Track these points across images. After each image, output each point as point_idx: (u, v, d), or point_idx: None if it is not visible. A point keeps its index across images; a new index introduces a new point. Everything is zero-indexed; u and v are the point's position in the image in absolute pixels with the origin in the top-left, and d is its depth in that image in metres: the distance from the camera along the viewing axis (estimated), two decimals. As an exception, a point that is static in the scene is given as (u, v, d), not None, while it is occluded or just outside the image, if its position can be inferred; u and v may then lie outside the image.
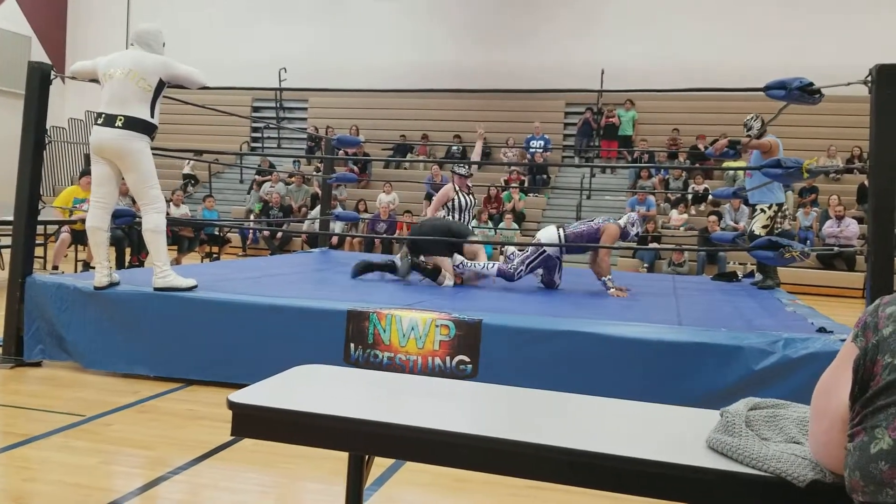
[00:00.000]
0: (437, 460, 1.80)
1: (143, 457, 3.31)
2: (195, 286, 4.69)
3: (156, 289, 4.62)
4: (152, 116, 4.61)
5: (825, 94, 4.66)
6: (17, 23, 18.73)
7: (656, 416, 1.99)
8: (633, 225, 6.21)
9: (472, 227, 7.30)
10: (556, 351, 4.05)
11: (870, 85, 4.22)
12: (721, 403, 3.32)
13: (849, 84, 4.46)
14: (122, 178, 4.73)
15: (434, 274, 6.09)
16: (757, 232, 6.55)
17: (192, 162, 17.42)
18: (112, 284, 4.71)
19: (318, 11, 18.92)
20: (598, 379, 3.94)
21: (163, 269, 4.63)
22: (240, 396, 1.90)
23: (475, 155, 7.54)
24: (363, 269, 6.28)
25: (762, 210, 6.70)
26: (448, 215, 6.99)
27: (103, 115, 4.56)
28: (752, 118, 6.95)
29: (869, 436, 1.33)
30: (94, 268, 4.83)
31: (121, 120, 4.50)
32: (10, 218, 5.19)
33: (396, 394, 2.10)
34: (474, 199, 7.27)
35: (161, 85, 4.63)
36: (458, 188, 7.01)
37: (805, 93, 4.53)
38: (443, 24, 18.26)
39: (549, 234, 6.17)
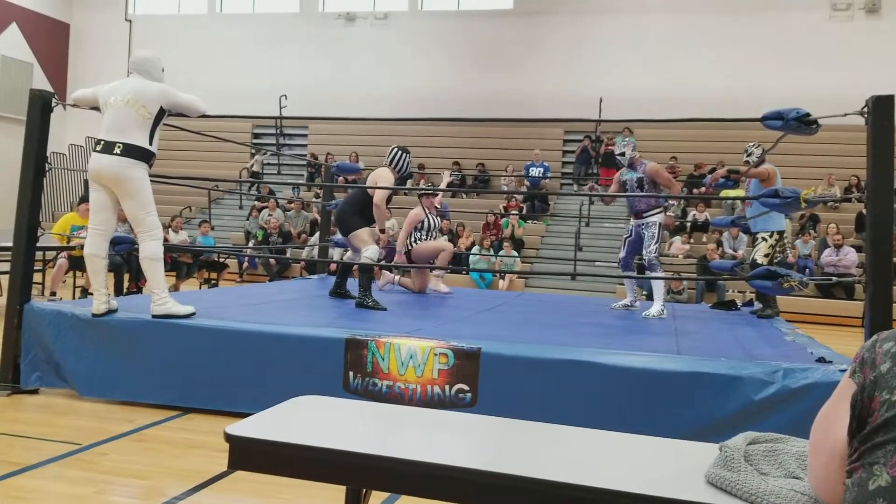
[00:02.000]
0: (435, 495, 1.79)
1: (139, 487, 3.28)
2: (194, 313, 4.68)
3: (154, 316, 4.61)
4: (151, 144, 4.63)
5: (822, 123, 4.69)
6: (20, 49, 18.90)
7: (655, 449, 1.98)
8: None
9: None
10: (556, 379, 4.04)
11: (866, 115, 4.25)
12: (720, 433, 3.32)
13: (845, 115, 4.50)
14: (120, 205, 4.74)
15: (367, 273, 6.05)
16: (759, 260, 6.54)
17: (256, 157, 17.48)
18: (110, 311, 4.70)
19: (318, 39, 19.10)
20: (597, 407, 3.93)
21: (161, 296, 4.63)
22: (237, 429, 1.89)
23: (442, 185, 8.15)
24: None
25: (763, 238, 6.70)
26: (420, 235, 7.56)
27: (102, 142, 4.57)
28: (753, 145, 6.99)
29: (867, 472, 1.33)
30: (92, 294, 4.82)
31: (119, 147, 4.51)
32: (10, 244, 5.20)
33: (395, 426, 2.09)
34: (440, 220, 7.98)
35: (161, 113, 4.65)
36: (426, 210, 7.57)
37: (802, 123, 4.56)
38: (442, 52, 18.42)
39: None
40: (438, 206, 7.75)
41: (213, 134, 7.46)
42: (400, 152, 6.60)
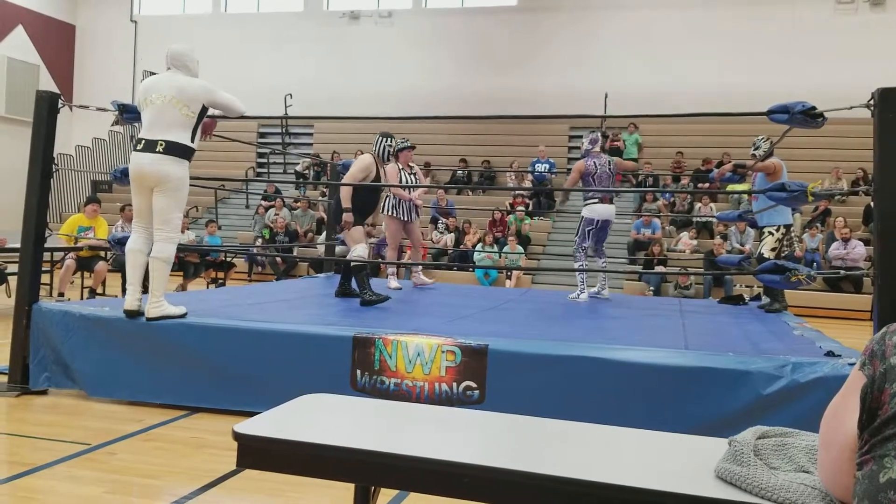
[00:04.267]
0: (443, 492, 1.79)
1: (148, 486, 3.29)
2: (186, 313, 4.68)
3: (149, 319, 4.59)
4: (193, 141, 4.64)
5: (828, 117, 4.67)
6: (26, 51, 18.95)
7: (664, 444, 1.98)
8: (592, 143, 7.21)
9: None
10: (564, 376, 4.03)
11: (872, 108, 4.23)
12: (729, 428, 3.31)
13: (851, 108, 4.47)
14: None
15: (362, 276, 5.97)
16: (766, 255, 6.52)
17: (304, 160, 17.49)
18: (140, 312, 4.64)
19: (322, 38, 19.11)
20: (605, 403, 3.93)
21: (159, 298, 4.62)
22: (245, 427, 1.89)
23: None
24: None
25: (770, 233, 6.68)
26: (391, 195, 7.34)
27: (143, 141, 4.55)
28: (761, 138, 6.95)
29: (878, 465, 1.32)
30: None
31: (162, 145, 4.50)
32: (18, 245, 5.21)
33: (403, 423, 2.09)
34: (417, 178, 7.65)
35: (203, 111, 4.66)
36: (401, 166, 7.35)
37: (807, 116, 4.54)
38: (447, 50, 18.41)
39: (598, 210, 7.14)
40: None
41: (219, 133, 7.45)
42: (380, 138, 6.59)
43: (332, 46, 19.00)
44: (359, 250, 5.97)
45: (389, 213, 7.42)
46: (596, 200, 7.15)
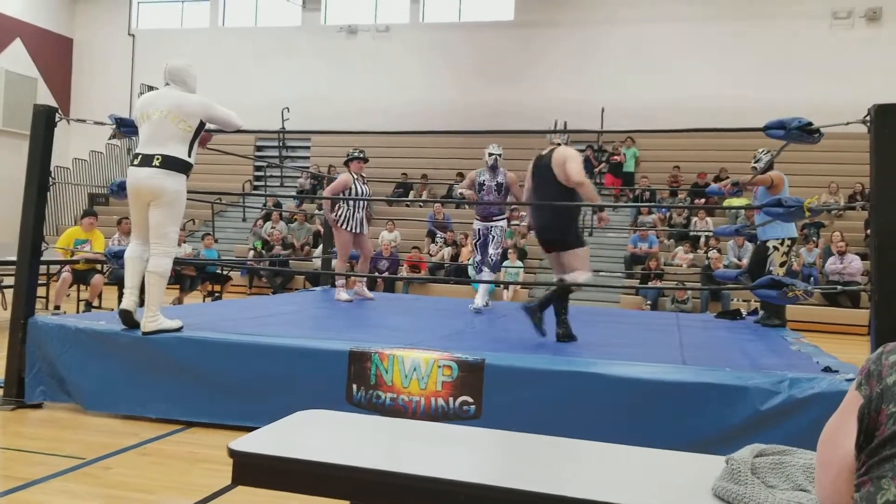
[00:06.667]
0: (439, 510, 1.78)
1: (143, 501, 3.27)
2: (182, 327, 4.67)
3: (145, 332, 4.57)
4: (189, 156, 4.64)
5: (824, 132, 4.68)
6: (24, 65, 18.99)
7: (661, 462, 1.97)
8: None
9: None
10: (560, 391, 4.02)
11: (868, 124, 4.24)
12: (727, 444, 3.30)
13: (847, 124, 4.49)
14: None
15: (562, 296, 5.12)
16: (775, 271, 6.37)
17: (306, 174, 17.48)
18: (137, 321, 4.63)
19: (320, 52, 19.17)
20: (602, 418, 3.91)
21: (154, 312, 4.61)
22: (240, 444, 1.89)
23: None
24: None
25: (775, 247, 6.57)
26: (343, 205, 7.30)
27: (140, 156, 4.56)
28: (762, 151, 6.92)
29: (875, 486, 1.32)
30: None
31: (158, 159, 4.51)
32: (14, 258, 5.20)
33: (398, 440, 2.08)
34: (368, 189, 7.77)
35: (201, 126, 4.67)
36: (355, 175, 7.42)
37: (804, 132, 4.54)
38: (444, 64, 18.48)
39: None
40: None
41: (216, 147, 7.46)
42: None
43: (330, 60, 19.06)
44: (583, 277, 5.04)
45: (340, 225, 7.39)
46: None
